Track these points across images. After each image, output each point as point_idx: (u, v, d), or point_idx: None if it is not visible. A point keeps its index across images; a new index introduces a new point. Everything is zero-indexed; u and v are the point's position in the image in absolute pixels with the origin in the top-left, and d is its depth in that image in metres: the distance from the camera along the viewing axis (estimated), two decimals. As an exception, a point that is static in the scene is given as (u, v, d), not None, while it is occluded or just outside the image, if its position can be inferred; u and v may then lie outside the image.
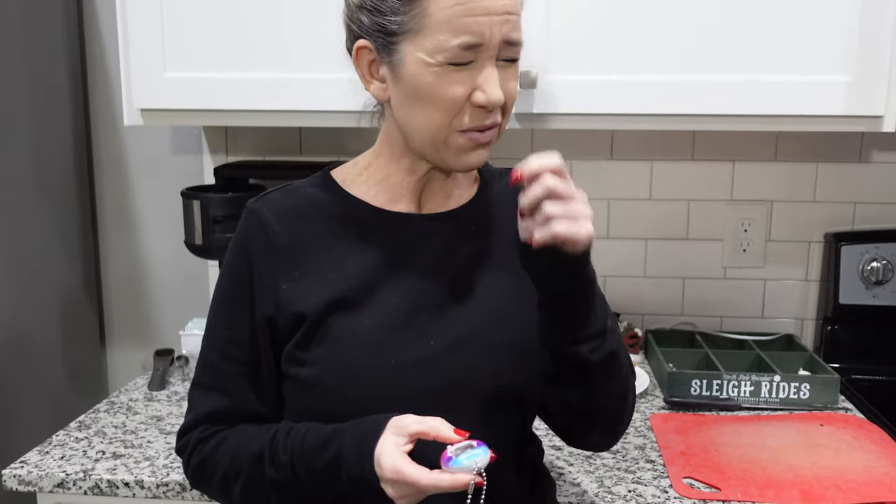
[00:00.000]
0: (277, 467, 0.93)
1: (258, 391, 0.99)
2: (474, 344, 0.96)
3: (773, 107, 1.42)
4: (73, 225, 1.84)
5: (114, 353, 1.99)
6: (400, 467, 0.84)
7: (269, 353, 0.98)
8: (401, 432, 0.86)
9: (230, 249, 1.01)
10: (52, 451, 1.33)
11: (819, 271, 1.82)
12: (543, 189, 0.84)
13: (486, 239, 1.01)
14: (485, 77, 0.89)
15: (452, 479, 0.82)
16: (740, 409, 1.51)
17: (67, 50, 1.79)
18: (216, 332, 1.02)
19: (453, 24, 0.87)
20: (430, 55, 0.88)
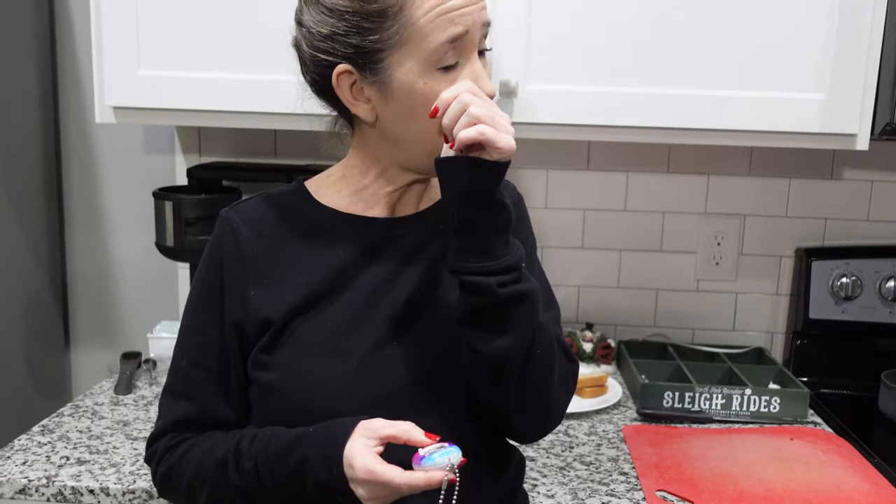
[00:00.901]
0: (242, 474, 0.92)
1: (227, 398, 0.99)
2: (438, 344, 0.96)
3: (747, 122, 1.43)
4: (40, 223, 1.80)
5: (78, 356, 1.95)
6: (372, 467, 0.84)
7: (238, 359, 0.98)
8: (371, 435, 0.86)
9: (203, 257, 1.01)
10: (14, 456, 1.30)
11: (790, 286, 1.84)
12: (462, 103, 0.85)
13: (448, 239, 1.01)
14: (474, 72, 0.91)
15: (427, 477, 0.82)
16: (712, 421, 1.52)
17: (37, 45, 1.75)
18: (186, 339, 1.01)
19: (438, 22, 0.88)
20: (419, 62, 0.89)
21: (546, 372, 0.94)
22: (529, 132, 1.46)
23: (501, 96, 1.42)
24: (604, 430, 1.47)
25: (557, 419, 1.00)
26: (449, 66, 0.89)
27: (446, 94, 0.87)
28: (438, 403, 0.95)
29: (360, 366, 0.93)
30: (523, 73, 1.42)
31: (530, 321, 0.91)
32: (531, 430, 1.00)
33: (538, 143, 1.80)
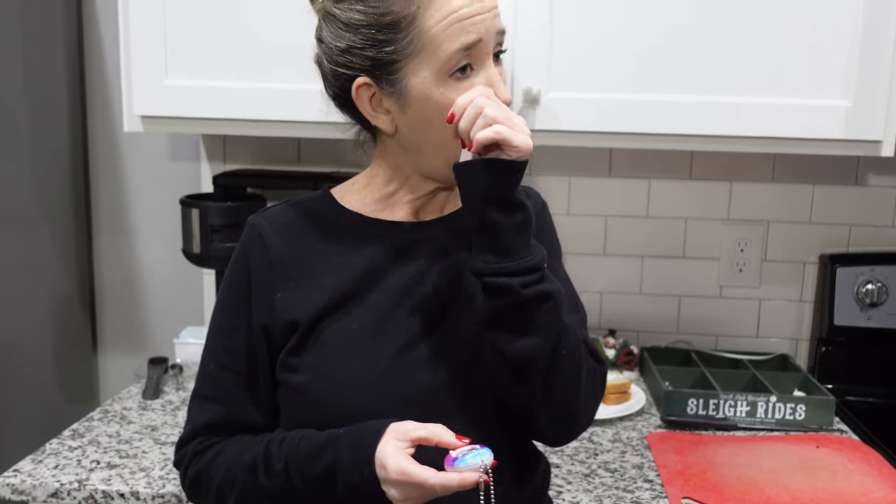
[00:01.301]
0: (272, 476, 0.93)
1: (255, 401, 1.00)
2: (465, 346, 0.96)
3: (771, 129, 1.43)
4: (69, 230, 1.82)
5: (106, 361, 1.97)
6: (406, 468, 0.84)
7: (266, 362, 0.99)
8: (402, 437, 0.86)
9: (230, 262, 1.03)
10: (46, 460, 1.32)
11: (814, 292, 1.83)
12: (477, 106, 0.87)
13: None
14: (489, 79, 0.92)
15: (461, 478, 0.82)
16: (736, 428, 1.52)
17: (66, 55, 1.78)
18: (214, 343, 1.03)
19: (451, 31, 0.89)
20: (434, 71, 0.90)
21: (573, 372, 0.95)
22: (552, 139, 1.47)
23: (524, 104, 1.43)
24: (628, 436, 1.47)
25: (586, 421, 1.00)
26: (462, 74, 0.91)
27: (462, 99, 0.88)
28: (465, 406, 0.95)
29: (386, 368, 0.94)
30: (545, 81, 1.43)
31: (554, 322, 0.91)
32: (559, 431, 1.00)
33: (560, 150, 1.80)
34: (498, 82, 0.92)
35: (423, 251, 1.00)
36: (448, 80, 0.90)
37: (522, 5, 1.42)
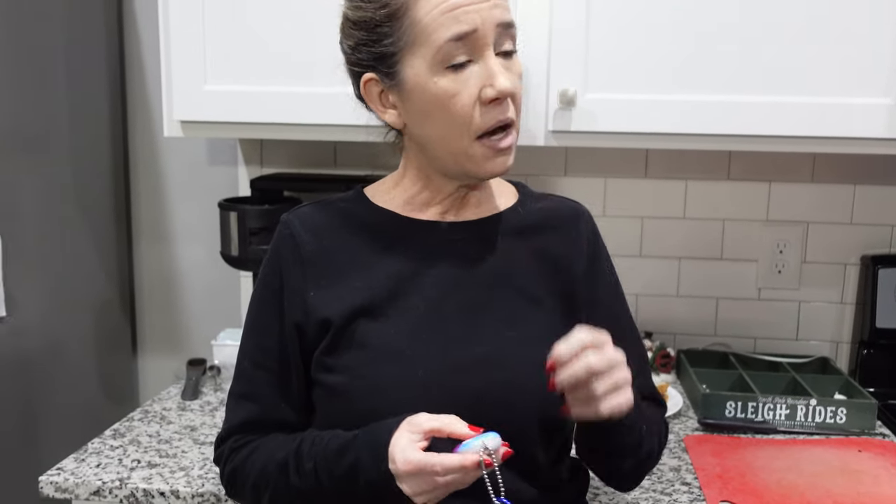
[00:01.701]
0: (302, 475, 0.94)
1: (287, 399, 1.01)
2: (500, 355, 0.96)
3: (811, 128, 1.41)
4: (109, 234, 1.86)
5: (146, 362, 2.01)
6: (410, 455, 0.84)
7: (298, 360, 1.00)
8: (415, 429, 0.86)
9: (264, 261, 1.04)
10: (88, 459, 1.34)
11: (855, 294, 1.80)
12: (585, 369, 0.84)
13: (515, 252, 1.01)
14: (488, 69, 0.90)
15: (461, 458, 0.82)
16: (776, 432, 1.49)
17: (107, 63, 1.82)
18: (248, 342, 1.04)
19: (443, 20, 0.89)
20: (427, 61, 0.90)
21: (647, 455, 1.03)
22: (589, 141, 1.46)
23: (560, 105, 1.43)
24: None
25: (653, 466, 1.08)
26: (457, 64, 0.90)
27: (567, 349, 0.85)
28: (501, 413, 0.94)
29: (424, 373, 0.94)
30: (582, 83, 1.43)
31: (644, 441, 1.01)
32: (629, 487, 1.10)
33: (596, 151, 1.79)
34: (496, 73, 0.90)
35: (458, 253, 1.00)
36: (442, 71, 0.90)
37: (558, 7, 1.41)
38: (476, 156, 0.93)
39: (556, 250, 1.03)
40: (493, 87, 0.89)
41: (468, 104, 0.90)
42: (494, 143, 0.92)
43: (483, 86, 0.90)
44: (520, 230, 1.03)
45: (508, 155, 0.94)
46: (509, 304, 0.99)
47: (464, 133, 0.92)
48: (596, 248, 1.07)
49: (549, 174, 1.82)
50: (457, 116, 0.91)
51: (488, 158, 0.93)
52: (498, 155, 0.93)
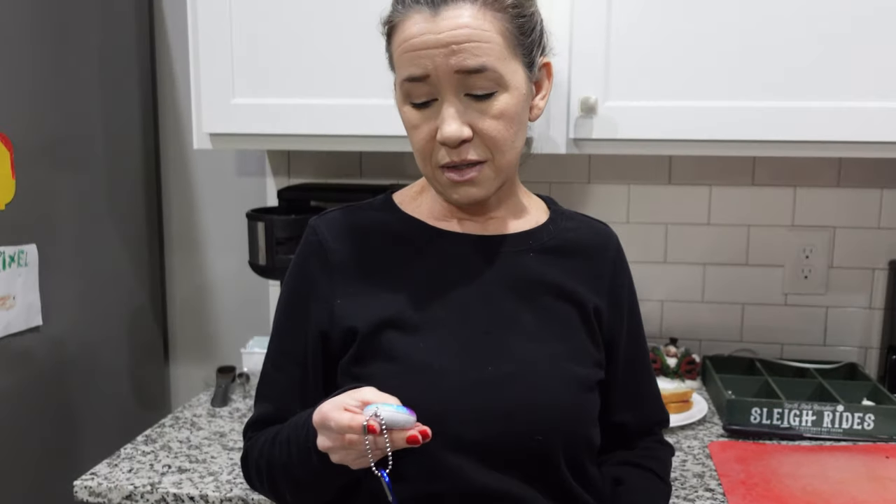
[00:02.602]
0: (280, 445, 0.95)
1: (304, 402, 1.00)
2: (526, 372, 0.96)
3: (836, 133, 1.41)
4: (142, 244, 1.90)
5: (177, 370, 2.05)
6: (321, 407, 0.86)
7: (318, 366, 1.01)
8: (354, 395, 0.86)
9: (291, 265, 1.05)
10: (121, 464, 1.38)
11: (883, 299, 1.78)
12: None
13: (543, 270, 1.01)
14: (441, 113, 0.90)
15: (350, 418, 0.83)
16: (802, 438, 1.49)
17: (140, 78, 1.86)
18: (272, 345, 1.05)
19: (401, 60, 0.91)
20: (398, 90, 0.94)
21: None
22: (610, 148, 1.47)
23: (581, 113, 1.44)
24: (689, 445, 1.46)
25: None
26: (417, 103, 0.91)
27: None
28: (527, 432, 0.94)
29: (451, 389, 0.93)
30: (602, 91, 1.44)
31: None
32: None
33: (619, 158, 1.80)
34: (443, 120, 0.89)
35: (486, 267, 0.99)
36: (407, 103, 0.93)
37: (578, 15, 1.43)
38: (442, 183, 0.95)
39: (583, 273, 1.03)
40: (440, 133, 0.90)
41: (427, 138, 0.92)
42: (451, 176, 0.93)
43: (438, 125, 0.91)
44: (549, 249, 1.03)
45: (473, 186, 0.94)
46: (536, 322, 0.99)
47: (427, 161, 0.94)
48: (621, 274, 1.08)
49: (573, 181, 1.83)
50: (418, 147, 0.94)
51: (452, 188, 0.94)
52: (460, 185, 0.94)
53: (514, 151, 0.95)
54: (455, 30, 0.87)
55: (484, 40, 0.88)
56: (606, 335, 1.05)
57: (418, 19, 0.89)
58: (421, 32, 0.88)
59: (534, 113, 0.98)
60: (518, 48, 0.92)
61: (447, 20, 0.88)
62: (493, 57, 0.89)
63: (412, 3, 0.90)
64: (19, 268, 1.48)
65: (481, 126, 0.91)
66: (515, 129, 0.93)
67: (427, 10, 0.88)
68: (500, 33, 0.90)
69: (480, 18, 0.88)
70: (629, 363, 1.08)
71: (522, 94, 0.93)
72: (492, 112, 0.91)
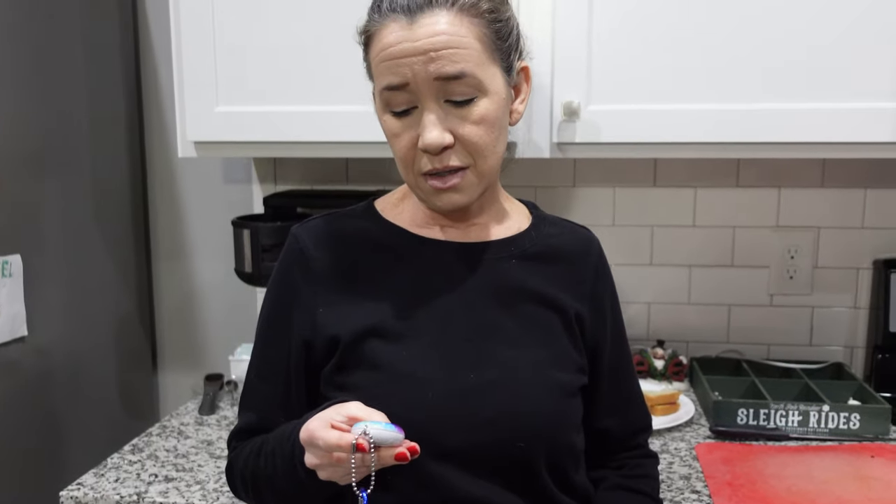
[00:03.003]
0: (265, 457, 0.95)
1: (287, 411, 1.01)
2: (510, 379, 0.96)
3: (819, 135, 1.41)
4: (128, 253, 1.90)
5: (165, 378, 2.04)
6: (308, 425, 0.86)
7: (302, 375, 1.00)
8: (340, 411, 0.86)
9: (272, 275, 1.04)
10: (107, 474, 1.38)
11: (868, 298, 1.79)
12: None
13: (525, 276, 1.01)
14: (420, 121, 0.90)
15: (339, 437, 0.83)
16: (788, 438, 1.49)
17: (124, 86, 1.86)
18: (255, 355, 1.05)
19: (380, 69, 0.91)
20: (378, 99, 0.93)
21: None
22: (594, 152, 1.47)
23: (564, 117, 1.44)
24: (676, 447, 1.46)
25: None
26: (400, 111, 0.91)
27: None
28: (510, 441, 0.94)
29: (434, 396, 0.93)
30: (585, 95, 1.44)
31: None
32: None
33: (604, 161, 1.80)
34: (424, 127, 0.90)
35: (468, 274, 0.99)
36: (388, 114, 0.93)
37: (560, 19, 1.43)
38: (425, 190, 0.95)
39: (565, 279, 1.04)
40: (421, 140, 0.90)
41: (408, 146, 0.92)
42: (434, 183, 0.93)
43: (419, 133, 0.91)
44: (531, 256, 1.03)
45: (457, 192, 0.94)
46: (518, 329, 0.99)
47: (409, 169, 0.94)
48: (603, 280, 1.08)
49: (558, 184, 1.83)
50: (399, 155, 0.94)
51: (435, 195, 0.94)
52: (443, 192, 0.94)
53: (495, 156, 0.95)
54: (432, 37, 0.87)
55: (462, 46, 0.88)
56: (589, 341, 1.05)
57: (395, 28, 0.89)
58: (398, 41, 0.88)
59: (514, 117, 0.98)
60: (496, 53, 0.92)
61: (424, 27, 0.88)
62: (472, 63, 0.89)
63: (388, 11, 0.90)
64: (4, 278, 1.48)
65: (462, 132, 0.91)
66: (496, 134, 0.93)
67: (403, 19, 0.88)
68: (478, 39, 0.90)
69: (457, 25, 0.88)
70: (613, 369, 1.08)
71: (502, 99, 0.93)
72: (472, 118, 0.91)
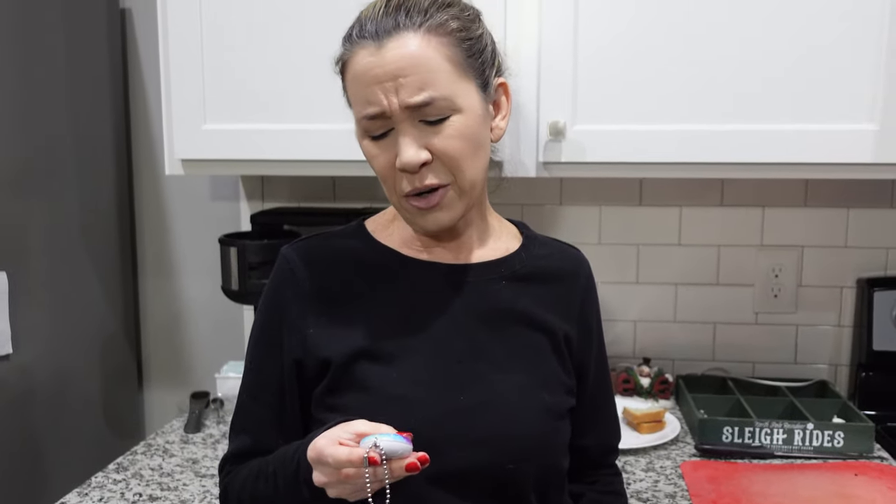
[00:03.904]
0: (266, 479, 0.94)
1: (282, 432, 1.01)
2: (500, 401, 0.96)
3: (800, 155, 1.43)
4: (115, 270, 1.89)
5: (151, 395, 2.03)
6: (316, 443, 0.85)
7: (295, 395, 1.00)
8: (347, 429, 0.86)
9: (263, 295, 1.04)
10: (91, 493, 1.37)
11: (852, 317, 1.81)
12: None
13: (516, 297, 1.02)
14: (398, 143, 0.91)
15: (349, 452, 0.82)
16: (773, 457, 1.50)
17: (112, 103, 1.87)
18: (247, 376, 1.05)
19: (357, 97, 0.92)
20: (357, 129, 0.94)
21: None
22: (579, 171, 1.49)
23: (550, 137, 1.46)
24: (661, 465, 1.47)
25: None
26: (379, 135, 0.92)
27: None
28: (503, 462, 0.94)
29: (424, 418, 0.93)
30: (571, 114, 1.45)
31: None
32: None
33: (591, 180, 1.82)
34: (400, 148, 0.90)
35: (458, 296, 0.99)
36: (366, 139, 0.94)
37: (546, 40, 1.45)
38: (409, 211, 0.95)
39: (555, 300, 1.04)
40: (398, 160, 0.91)
41: (387, 167, 0.93)
42: (416, 203, 0.94)
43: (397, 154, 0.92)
44: (521, 277, 1.03)
45: (440, 211, 0.94)
46: (507, 351, 0.99)
47: (392, 191, 0.95)
48: (591, 300, 1.09)
49: (544, 203, 1.84)
50: (382, 178, 0.95)
51: (419, 216, 0.95)
52: (427, 213, 0.94)
53: (475, 170, 0.94)
54: (400, 60, 0.88)
55: (431, 69, 0.89)
56: (576, 360, 1.06)
57: (364, 54, 0.90)
58: (369, 67, 0.89)
59: (495, 133, 0.99)
60: (469, 70, 0.93)
61: (392, 51, 0.89)
62: (440, 85, 0.90)
63: (357, 38, 0.91)
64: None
65: (438, 146, 0.91)
66: (474, 148, 0.93)
67: (372, 44, 0.90)
68: (447, 59, 0.90)
69: (425, 47, 0.89)
70: (596, 388, 1.09)
71: (478, 115, 0.93)
72: (446, 133, 0.91)
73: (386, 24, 0.89)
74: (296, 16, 1.49)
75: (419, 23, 0.89)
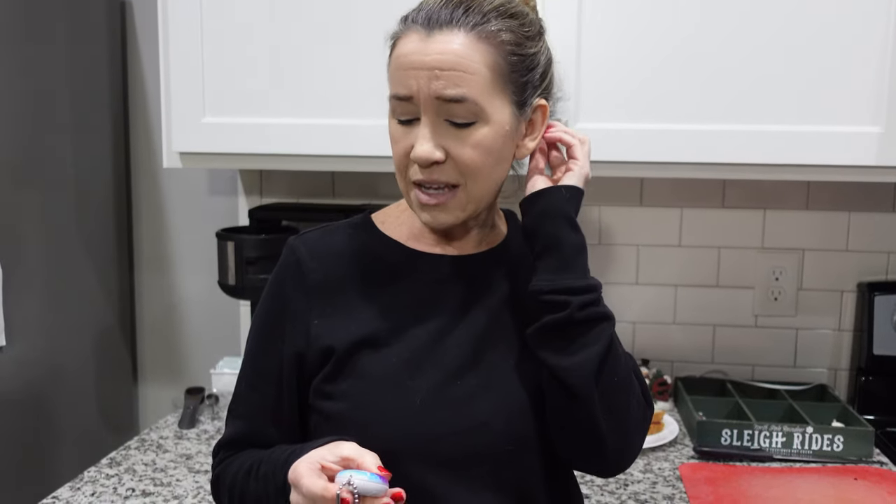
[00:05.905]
0: (258, 480, 0.94)
1: (277, 423, 1.00)
2: (499, 386, 0.96)
3: (803, 157, 1.42)
4: (111, 264, 1.88)
5: (146, 391, 2.02)
6: (296, 467, 0.85)
7: (294, 387, 1.00)
8: (333, 451, 0.86)
9: (267, 285, 1.04)
10: (84, 488, 1.35)
11: (852, 321, 1.80)
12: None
13: (511, 284, 1.02)
14: (418, 133, 0.91)
15: (324, 487, 0.82)
16: (772, 460, 1.49)
17: (111, 95, 1.85)
18: (247, 364, 1.04)
19: (393, 76, 0.92)
20: (389, 107, 0.94)
21: (623, 400, 0.94)
22: (580, 170, 1.47)
23: (551, 135, 1.45)
24: (659, 467, 1.46)
25: (636, 452, 0.98)
26: (405, 119, 0.92)
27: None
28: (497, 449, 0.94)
29: (422, 403, 0.93)
30: (573, 113, 1.45)
31: (608, 343, 0.92)
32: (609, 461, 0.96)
33: (591, 180, 1.80)
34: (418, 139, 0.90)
35: (460, 286, 1.00)
36: (394, 120, 0.93)
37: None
38: (412, 199, 0.95)
39: None
40: (413, 151, 0.91)
41: (403, 154, 0.93)
42: (419, 194, 0.94)
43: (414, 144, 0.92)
44: (513, 262, 1.03)
45: (442, 211, 0.94)
46: (508, 336, 0.99)
47: (402, 176, 0.95)
48: None
49: (545, 203, 1.83)
50: (395, 160, 0.95)
51: (421, 209, 0.95)
52: (430, 209, 0.94)
53: (489, 182, 0.94)
54: (442, 54, 0.88)
55: (469, 71, 0.88)
56: None
57: (413, 38, 0.90)
58: (412, 52, 0.89)
59: (520, 151, 0.97)
60: (508, 85, 0.91)
61: (437, 44, 0.88)
62: (476, 89, 0.88)
63: (411, 22, 0.91)
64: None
65: (456, 152, 0.91)
66: (493, 162, 0.92)
67: (422, 31, 0.89)
68: (489, 67, 0.89)
69: (470, 48, 0.88)
70: None
71: (505, 131, 0.92)
72: (469, 141, 0.90)
73: (440, 16, 0.89)
74: (296, 10, 1.48)
75: (472, 24, 0.89)
